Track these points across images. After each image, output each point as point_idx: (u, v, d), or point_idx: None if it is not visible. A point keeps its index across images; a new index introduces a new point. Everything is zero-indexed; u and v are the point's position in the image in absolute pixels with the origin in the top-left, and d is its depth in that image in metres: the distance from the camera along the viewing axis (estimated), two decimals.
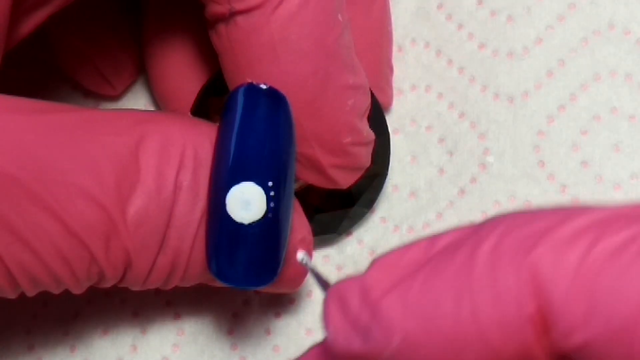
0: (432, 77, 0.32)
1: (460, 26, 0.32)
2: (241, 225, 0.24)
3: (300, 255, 0.25)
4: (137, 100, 0.34)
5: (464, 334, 0.18)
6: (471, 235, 0.19)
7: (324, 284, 0.24)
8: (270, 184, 0.24)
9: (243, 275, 0.25)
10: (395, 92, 0.32)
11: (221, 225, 0.24)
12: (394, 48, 0.32)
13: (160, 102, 0.32)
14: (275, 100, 0.25)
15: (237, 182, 0.24)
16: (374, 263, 0.20)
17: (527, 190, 0.31)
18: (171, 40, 0.31)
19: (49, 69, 0.33)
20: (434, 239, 0.20)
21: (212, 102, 0.30)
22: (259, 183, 0.24)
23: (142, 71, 0.33)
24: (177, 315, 0.31)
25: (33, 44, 0.29)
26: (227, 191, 0.24)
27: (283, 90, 0.25)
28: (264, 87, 0.25)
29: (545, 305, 0.17)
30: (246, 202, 0.24)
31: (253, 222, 0.24)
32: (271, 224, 0.24)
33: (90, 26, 0.31)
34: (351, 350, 0.19)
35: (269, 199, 0.24)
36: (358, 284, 0.20)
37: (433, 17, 0.33)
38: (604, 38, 0.31)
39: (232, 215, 0.24)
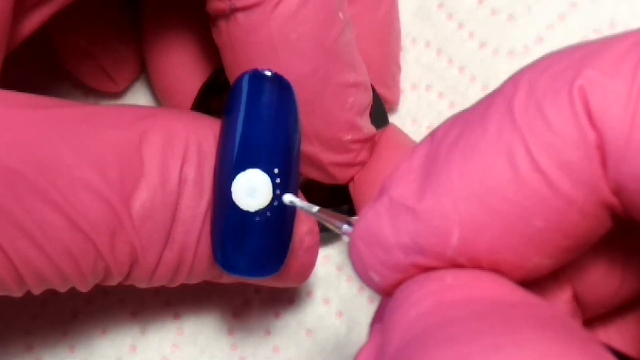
0: (433, 77, 0.32)
1: (460, 25, 0.32)
2: (247, 213, 0.24)
3: (288, 197, 0.24)
4: (138, 97, 0.33)
5: (528, 193, 0.16)
6: (491, 101, 0.16)
7: (329, 217, 0.22)
8: (276, 170, 0.24)
9: (249, 264, 0.24)
10: None
11: (227, 214, 0.24)
12: None
13: (160, 99, 0.32)
14: (280, 87, 0.24)
15: (243, 169, 0.24)
16: (382, 186, 0.18)
17: None
18: (171, 36, 0.30)
19: (48, 67, 0.33)
20: (433, 132, 0.17)
21: (213, 100, 0.29)
22: (265, 170, 0.24)
23: (142, 68, 0.33)
24: (176, 315, 0.31)
25: (33, 43, 0.28)
26: (233, 178, 0.24)
27: None
28: (268, 73, 0.24)
29: (601, 131, 0.15)
30: (252, 189, 0.23)
31: (259, 210, 0.24)
32: (278, 212, 0.24)
33: (92, 23, 0.31)
34: (407, 273, 0.17)
35: (275, 186, 0.24)
36: (382, 207, 0.17)
37: (433, 17, 0.33)
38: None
39: (238, 203, 0.24)
